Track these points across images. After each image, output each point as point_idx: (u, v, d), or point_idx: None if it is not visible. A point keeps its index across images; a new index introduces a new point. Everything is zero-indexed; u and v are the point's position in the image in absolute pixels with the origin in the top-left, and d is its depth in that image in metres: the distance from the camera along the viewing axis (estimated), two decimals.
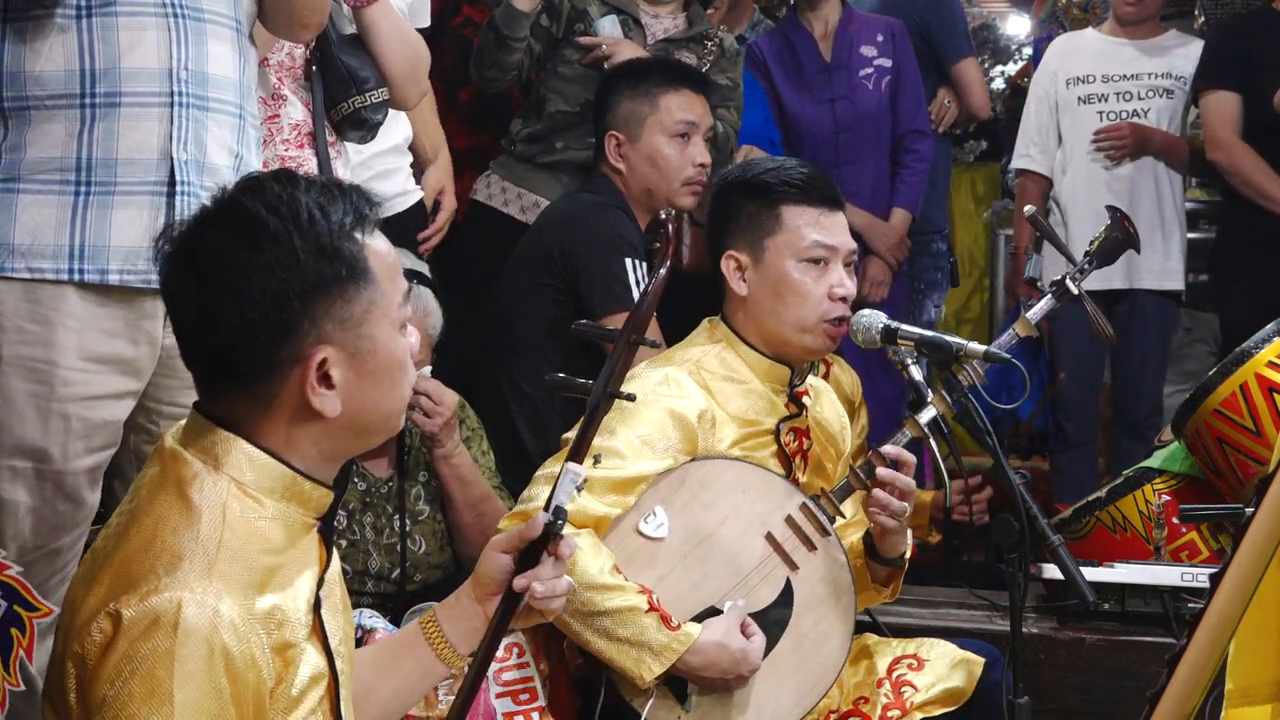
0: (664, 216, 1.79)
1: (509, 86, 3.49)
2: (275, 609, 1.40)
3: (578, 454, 1.68)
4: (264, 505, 1.45)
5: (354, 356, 1.45)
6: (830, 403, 2.53)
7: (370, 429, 1.51)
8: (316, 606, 1.49)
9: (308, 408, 1.44)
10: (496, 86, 3.44)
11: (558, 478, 1.66)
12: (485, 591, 1.68)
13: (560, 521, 1.64)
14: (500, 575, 1.67)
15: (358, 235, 1.45)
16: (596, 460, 2.12)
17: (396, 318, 1.49)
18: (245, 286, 1.40)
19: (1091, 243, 2.57)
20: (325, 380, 1.44)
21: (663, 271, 1.71)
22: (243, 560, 1.40)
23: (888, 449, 2.23)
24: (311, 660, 1.46)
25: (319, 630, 1.48)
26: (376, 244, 1.48)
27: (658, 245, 1.77)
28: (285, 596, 1.43)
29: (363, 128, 2.55)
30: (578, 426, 2.22)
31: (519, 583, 1.64)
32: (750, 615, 2.16)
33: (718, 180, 2.51)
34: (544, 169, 3.40)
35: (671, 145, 3.06)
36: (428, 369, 2.62)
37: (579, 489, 1.67)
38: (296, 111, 2.50)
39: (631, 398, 1.74)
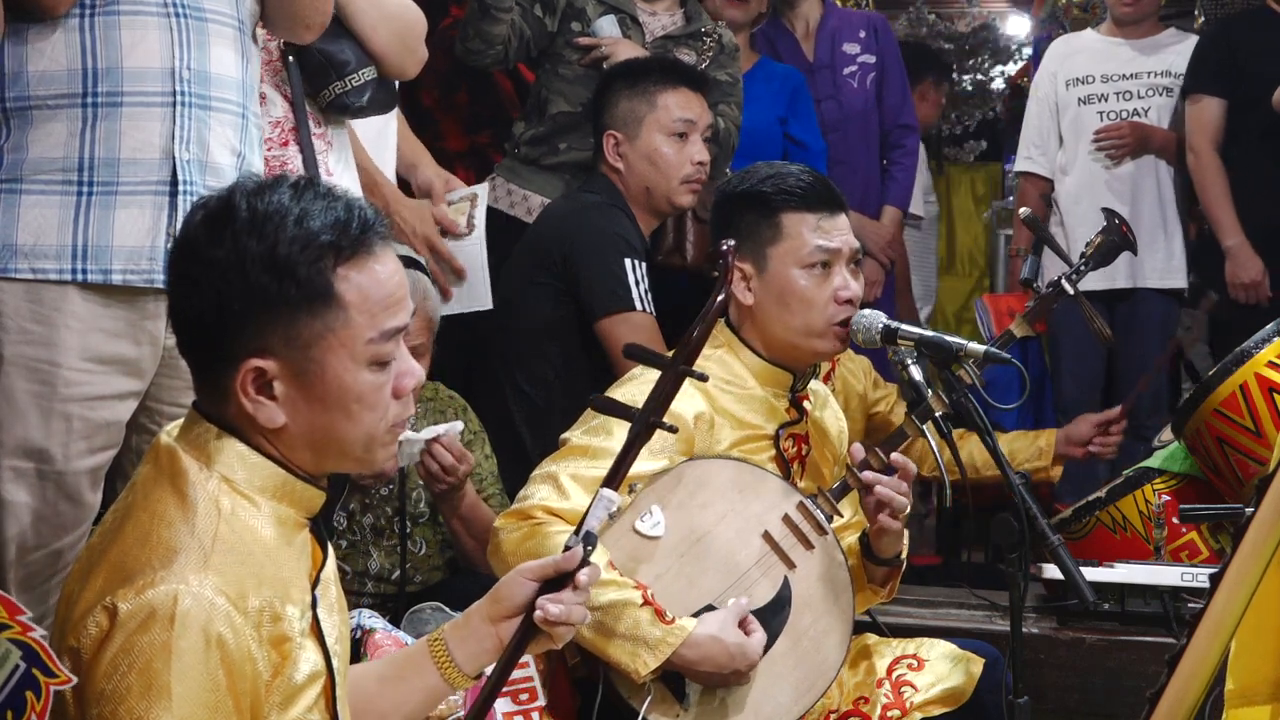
0: (725, 248, 1.79)
1: (495, 65, 3.42)
2: (269, 603, 1.41)
3: (613, 481, 1.65)
4: (256, 503, 1.46)
5: (298, 376, 1.44)
6: (832, 409, 2.53)
7: (330, 453, 1.49)
8: (313, 605, 1.49)
9: (253, 416, 1.44)
10: (480, 60, 3.35)
11: (590, 504, 1.64)
12: (502, 613, 1.66)
13: (590, 548, 1.62)
14: (522, 600, 1.64)
15: (329, 260, 1.42)
16: (632, 489, 2.12)
17: (362, 352, 1.44)
18: (198, 277, 1.42)
19: (1088, 245, 2.58)
20: (267, 390, 1.43)
21: (719, 300, 1.70)
22: (237, 554, 1.40)
23: (894, 457, 2.23)
24: (310, 658, 1.46)
25: (316, 628, 1.48)
26: (364, 275, 1.44)
27: (715, 274, 1.76)
28: (279, 592, 1.43)
29: (347, 112, 2.50)
30: (578, 431, 2.24)
31: (543, 606, 1.61)
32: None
33: (717, 191, 2.51)
34: (548, 170, 3.38)
35: (670, 144, 3.06)
36: (459, 425, 2.56)
37: (612, 516, 1.65)
38: (277, 109, 2.46)
39: (674, 429, 1.71)
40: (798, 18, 4.06)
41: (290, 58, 2.44)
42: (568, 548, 1.64)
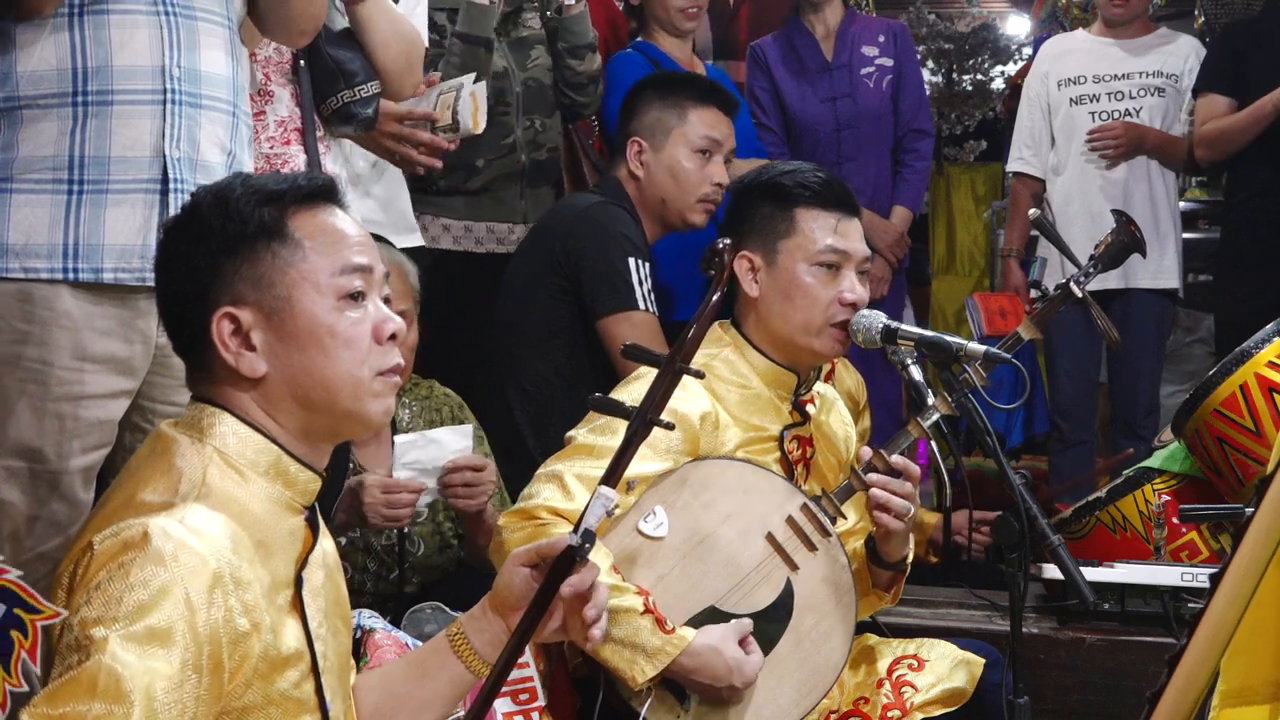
0: (721, 246, 1.79)
1: None
2: (240, 567, 1.42)
3: (611, 478, 1.65)
4: (247, 479, 1.49)
5: (270, 317, 1.50)
6: (839, 413, 2.52)
7: (317, 402, 1.53)
8: (298, 585, 1.50)
9: (236, 369, 1.50)
10: None
11: (589, 502, 1.64)
12: (504, 605, 1.67)
13: (588, 545, 1.62)
14: (520, 589, 1.65)
15: (279, 202, 1.51)
16: (630, 487, 2.12)
17: (328, 285, 1.51)
18: (171, 257, 1.53)
19: (1097, 246, 2.57)
20: (246, 342, 1.50)
21: (715, 299, 1.70)
22: (219, 513, 1.44)
23: (895, 459, 2.23)
24: (290, 633, 1.48)
25: (299, 608, 1.50)
26: (317, 217, 1.53)
27: (712, 273, 1.77)
28: (253, 561, 1.45)
29: (351, 122, 2.53)
30: (583, 430, 2.24)
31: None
32: (750, 616, 2.15)
33: (734, 183, 2.52)
34: (481, 193, 3.33)
35: (693, 160, 3.08)
36: (467, 427, 2.54)
37: (610, 514, 1.65)
38: (283, 107, 2.48)
39: (671, 426, 1.70)
40: (819, 19, 4.12)
41: (302, 61, 2.46)
42: (569, 546, 1.64)
